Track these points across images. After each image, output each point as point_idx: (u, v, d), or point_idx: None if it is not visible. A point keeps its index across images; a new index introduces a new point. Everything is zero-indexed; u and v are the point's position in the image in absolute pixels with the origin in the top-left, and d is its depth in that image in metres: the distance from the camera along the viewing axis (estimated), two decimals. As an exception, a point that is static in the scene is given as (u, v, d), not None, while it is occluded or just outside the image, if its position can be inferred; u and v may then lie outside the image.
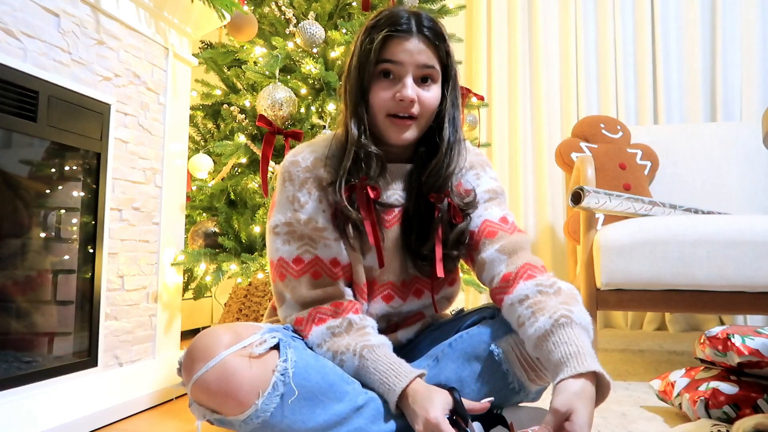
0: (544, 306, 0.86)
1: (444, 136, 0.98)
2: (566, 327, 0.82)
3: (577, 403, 0.73)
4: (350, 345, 0.89)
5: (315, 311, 0.93)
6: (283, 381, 0.82)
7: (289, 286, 0.95)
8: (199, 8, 1.58)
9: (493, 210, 1.01)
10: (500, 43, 3.02)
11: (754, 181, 2.27)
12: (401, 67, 0.92)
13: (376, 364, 0.87)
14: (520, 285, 0.91)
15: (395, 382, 0.85)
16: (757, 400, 1.09)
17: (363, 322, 0.94)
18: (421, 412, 0.81)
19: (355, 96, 0.95)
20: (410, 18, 0.93)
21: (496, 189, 1.05)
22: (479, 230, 0.99)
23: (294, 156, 0.99)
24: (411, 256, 1.01)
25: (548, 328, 0.82)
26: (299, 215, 0.95)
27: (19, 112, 1.09)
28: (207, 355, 0.80)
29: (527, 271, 0.93)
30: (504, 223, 1.00)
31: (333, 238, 0.96)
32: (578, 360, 0.78)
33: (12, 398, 1.06)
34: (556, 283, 0.91)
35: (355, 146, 0.94)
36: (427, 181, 0.97)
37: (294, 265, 0.95)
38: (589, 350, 0.80)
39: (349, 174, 0.94)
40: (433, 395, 0.83)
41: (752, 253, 1.51)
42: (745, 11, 2.73)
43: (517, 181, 2.96)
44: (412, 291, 1.04)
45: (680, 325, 2.67)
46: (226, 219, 1.76)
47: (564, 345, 0.80)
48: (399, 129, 0.94)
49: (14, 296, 1.18)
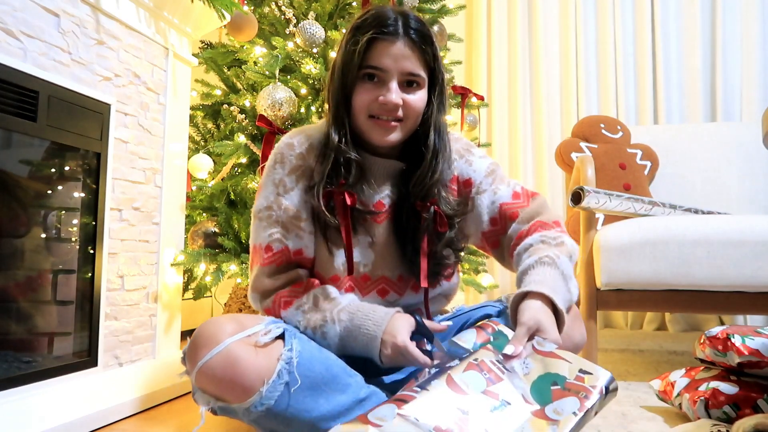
0: (539, 251, 0.94)
1: (429, 144, 0.97)
2: (546, 265, 0.90)
3: (541, 316, 0.82)
4: (326, 315, 0.91)
5: (278, 296, 0.95)
6: (288, 370, 0.82)
7: (254, 272, 0.98)
8: (199, 8, 1.58)
9: (502, 189, 1.04)
10: (500, 43, 3.02)
11: (754, 181, 2.26)
12: (385, 74, 0.91)
13: (353, 320, 0.89)
14: (529, 238, 0.99)
15: (375, 329, 0.88)
16: (757, 400, 1.09)
17: (326, 291, 0.95)
18: (389, 338, 0.86)
19: (337, 98, 0.94)
20: (397, 19, 0.91)
21: (491, 167, 1.06)
22: (500, 214, 1.03)
23: (290, 138, 0.99)
24: (405, 253, 1.01)
25: (531, 264, 0.91)
26: (281, 200, 0.96)
27: (19, 112, 1.09)
28: (211, 342, 0.81)
29: (538, 226, 1.00)
30: (517, 199, 1.04)
31: (308, 231, 0.97)
32: (538, 286, 0.86)
33: (12, 398, 1.06)
34: (560, 237, 0.98)
35: (334, 152, 0.94)
36: (413, 190, 0.98)
37: (264, 252, 0.97)
38: (556, 282, 0.88)
39: (328, 178, 0.94)
40: (396, 323, 0.87)
41: (752, 253, 1.51)
42: (745, 11, 2.73)
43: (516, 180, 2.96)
44: (409, 285, 1.04)
45: (680, 325, 2.67)
46: (226, 219, 1.76)
47: (536, 276, 0.89)
48: (382, 131, 0.93)
49: (14, 296, 1.18)
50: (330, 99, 0.96)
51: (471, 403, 0.70)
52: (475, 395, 0.71)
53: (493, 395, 0.72)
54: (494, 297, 2.86)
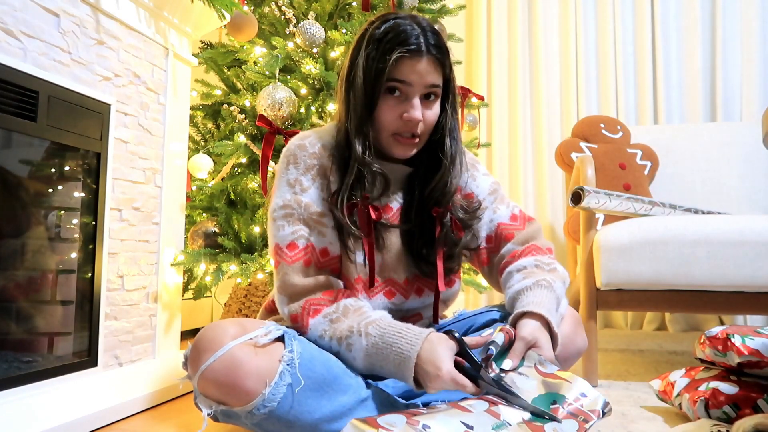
0: (533, 274, 0.98)
1: (446, 150, 0.99)
2: (543, 288, 0.94)
3: (538, 334, 0.87)
4: (353, 327, 0.88)
5: (308, 303, 0.92)
6: (290, 371, 0.82)
7: (281, 273, 0.94)
8: (199, 8, 1.58)
9: (502, 210, 1.08)
10: (500, 43, 3.02)
11: (754, 181, 2.26)
12: (410, 88, 0.92)
13: (384, 337, 0.85)
14: (523, 259, 1.02)
15: (408, 349, 0.83)
16: (757, 400, 1.09)
17: (358, 303, 0.93)
18: (432, 369, 0.80)
19: (360, 112, 0.94)
20: (419, 35, 0.91)
21: (494, 186, 1.10)
22: (496, 234, 1.07)
23: (301, 140, 0.99)
24: (412, 256, 1.01)
25: (528, 285, 0.95)
26: (300, 198, 0.95)
27: (19, 112, 1.09)
28: (214, 346, 0.81)
29: (532, 250, 1.04)
30: (514, 221, 1.07)
31: (330, 226, 0.96)
32: (537, 307, 0.90)
33: (12, 398, 1.06)
34: (553, 263, 1.02)
35: (359, 164, 0.94)
36: (432, 195, 0.99)
37: (288, 250, 0.94)
38: (550, 304, 0.92)
39: (351, 189, 0.94)
40: (437, 348, 0.81)
41: (752, 253, 1.51)
42: (745, 11, 2.73)
43: (517, 181, 2.96)
44: (414, 289, 1.04)
45: (680, 325, 2.67)
46: (226, 219, 1.76)
47: (533, 297, 0.93)
48: (404, 147, 0.96)
49: (14, 296, 1.18)
50: (350, 110, 0.95)
51: (475, 420, 0.73)
52: (478, 413, 0.75)
53: (494, 414, 0.75)
54: (494, 297, 2.86)
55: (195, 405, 0.85)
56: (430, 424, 0.70)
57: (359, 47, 0.95)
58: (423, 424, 0.69)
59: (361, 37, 0.96)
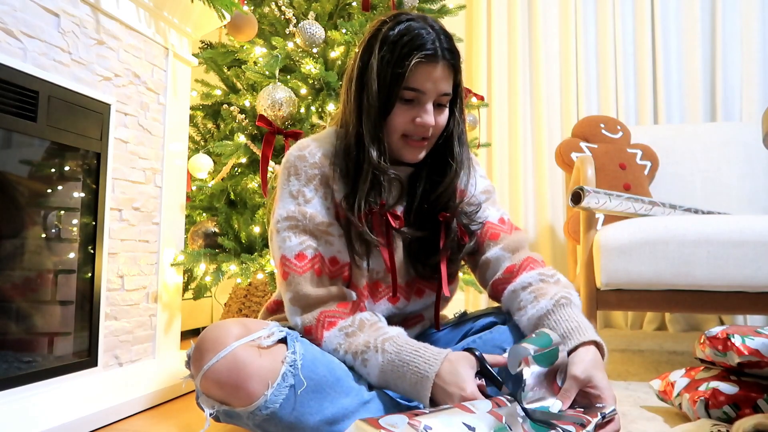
0: (545, 291, 0.94)
1: (455, 155, 0.99)
2: (566, 307, 0.91)
3: (593, 371, 0.82)
4: (369, 342, 0.87)
5: (323, 315, 0.91)
6: (293, 372, 0.82)
7: (292, 284, 0.92)
8: (199, 8, 1.58)
9: (491, 211, 1.06)
10: (500, 43, 3.02)
11: (754, 181, 2.26)
12: (424, 95, 0.92)
13: (400, 354, 0.84)
14: (524, 275, 0.99)
15: (426, 368, 0.82)
16: (757, 400, 1.09)
17: (373, 318, 0.92)
18: (456, 390, 0.79)
19: (374, 117, 0.93)
20: (435, 40, 0.90)
21: (488, 188, 1.09)
22: (482, 233, 1.04)
23: (300, 150, 0.97)
24: (412, 260, 1.01)
25: (550, 307, 0.91)
26: (304, 209, 0.94)
27: (19, 112, 1.09)
28: (217, 346, 0.81)
29: (530, 263, 1.00)
30: (503, 224, 1.05)
31: (337, 234, 0.95)
32: (580, 332, 0.87)
33: (12, 398, 1.06)
34: (556, 274, 0.99)
35: (374, 169, 0.93)
36: (440, 200, 0.99)
37: (297, 261, 0.92)
38: (587, 323, 0.89)
39: (366, 196, 0.93)
40: (459, 368, 0.81)
41: (752, 253, 1.51)
42: (745, 11, 2.73)
43: (517, 181, 2.96)
44: (414, 291, 1.04)
45: (680, 325, 2.67)
46: (225, 219, 1.76)
47: (566, 321, 0.89)
48: (414, 150, 0.95)
49: (14, 296, 1.18)
50: (362, 115, 0.94)
51: (477, 421, 0.73)
52: (481, 413, 0.74)
53: (497, 416, 0.75)
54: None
55: (197, 404, 0.85)
56: (431, 424, 0.70)
57: (371, 48, 0.93)
58: (425, 425, 0.70)
59: (373, 38, 0.93)
